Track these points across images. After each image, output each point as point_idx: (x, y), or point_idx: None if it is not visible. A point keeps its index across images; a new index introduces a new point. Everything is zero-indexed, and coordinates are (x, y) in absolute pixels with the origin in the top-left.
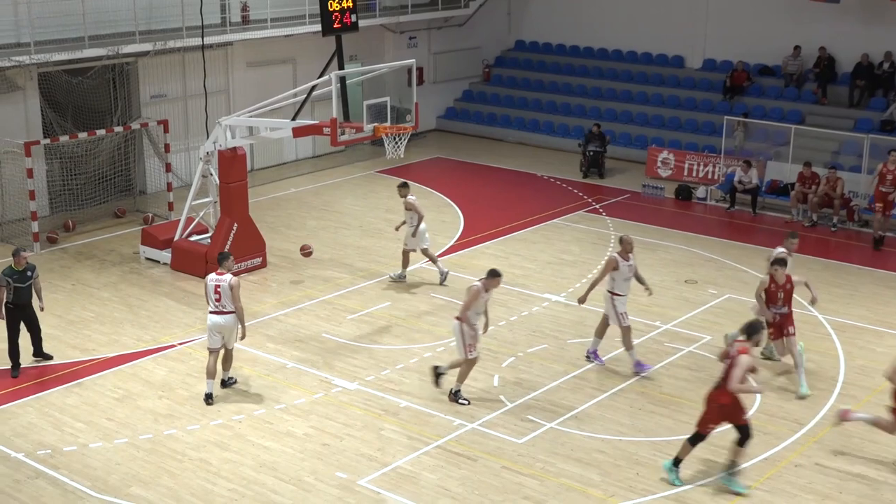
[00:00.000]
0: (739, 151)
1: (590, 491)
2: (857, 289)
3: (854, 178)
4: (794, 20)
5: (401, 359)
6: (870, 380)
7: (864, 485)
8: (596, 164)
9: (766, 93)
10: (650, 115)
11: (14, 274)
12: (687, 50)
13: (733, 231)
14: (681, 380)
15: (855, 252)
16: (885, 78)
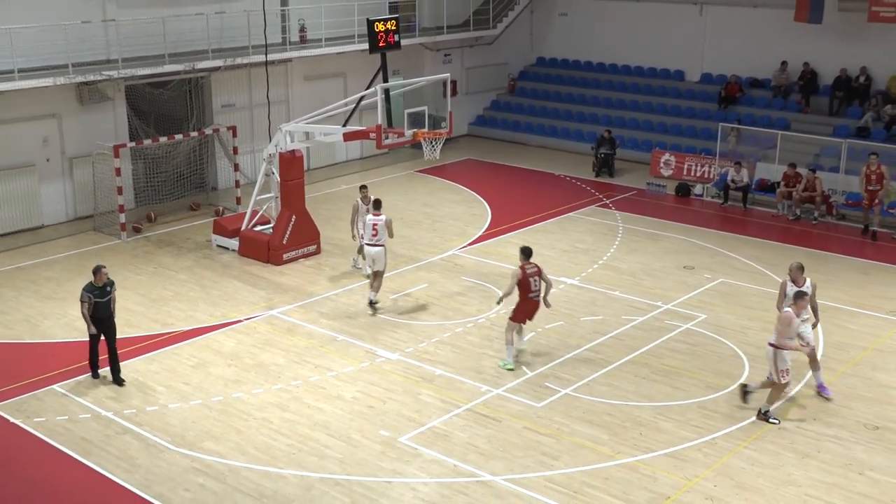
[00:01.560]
0: (732, 154)
1: (599, 448)
2: (835, 274)
3: (833, 178)
4: (781, 38)
5: (436, 333)
6: (845, 354)
7: (838, 444)
8: (607, 164)
9: (756, 103)
10: (654, 122)
11: (95, 290)
12: (687, 65)
13: (726, 223)
14: (678, 353)
15: (833, 242)
16: (861, 90)
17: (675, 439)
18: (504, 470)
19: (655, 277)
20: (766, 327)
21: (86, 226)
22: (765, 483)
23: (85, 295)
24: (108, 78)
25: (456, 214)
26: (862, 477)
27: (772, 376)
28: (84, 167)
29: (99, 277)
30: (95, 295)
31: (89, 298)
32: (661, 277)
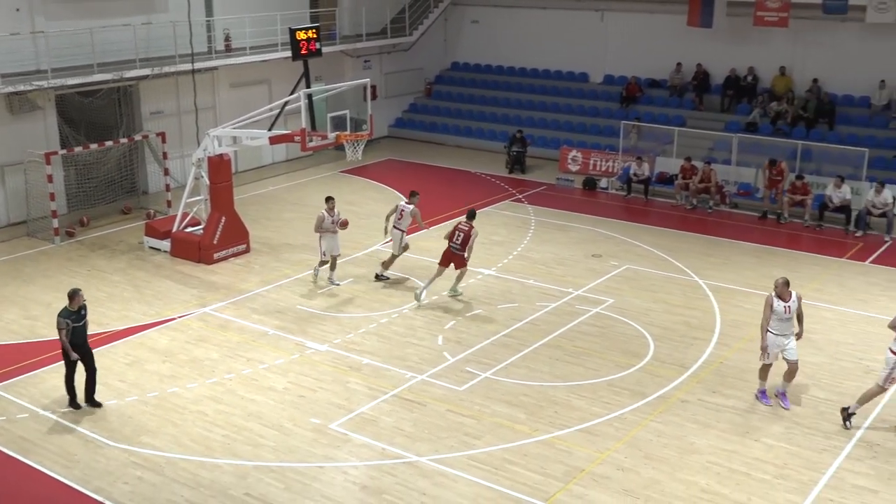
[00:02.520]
0: (634, 149)
1: (518, 427)
2: (729, 258)
3: (726, 170)
4: (676, 42)
5: (362, 325)
6: (741, 331)
7: (736, 414)
8: (519, 162)
9: (654, 101)
10: (562, 122)
11: (71, 315)
12: (590, 67)
13: (630, 214)
14: (589, 335)
15: (727, 229)
16: (749, 88)
17: (587, 416)
18: (429, 451)
19: (566, 266)
20: (669, 309)
21: (20, 231)
22: (670, 453)
23: (62, 321)
24: (37, 88)
25: (378, 212)
26: (758, 443)
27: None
28: (16, 175)
29: (75, 301)
30: (73, 320)
31: (67, 325)
32: (572, 265)
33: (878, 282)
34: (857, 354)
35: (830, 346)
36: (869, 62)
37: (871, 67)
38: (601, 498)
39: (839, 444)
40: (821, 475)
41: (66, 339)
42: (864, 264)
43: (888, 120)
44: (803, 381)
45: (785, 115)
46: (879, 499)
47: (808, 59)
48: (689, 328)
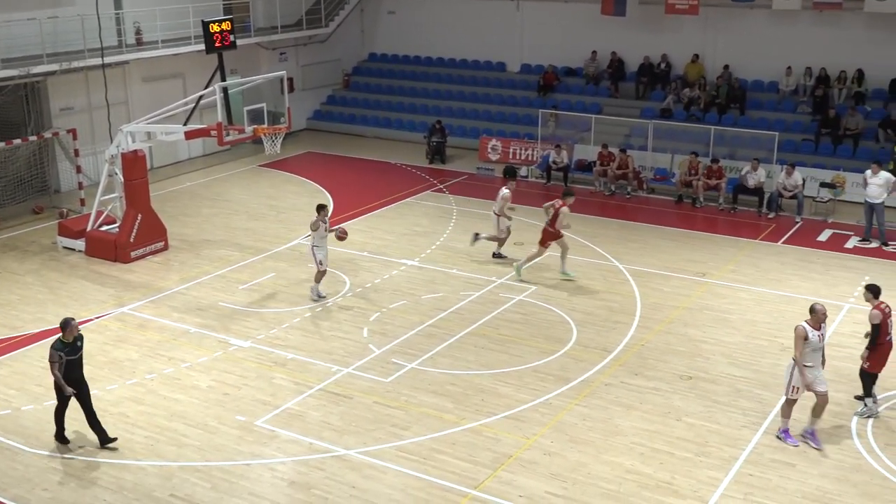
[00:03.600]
0: (552, 137)
1: (445, 416)
2: (647, 242)
3: (642, 156)
4: (590, 31)
5: (286, 319)
6: (660, 313)
7: (658, 395)
8: (439, 152)
9: (571, 90)
10: (480, 111)
11: (65, 347)
12: (507, 57)
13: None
14: (513, 323)
15: (645, 213)
16: (663, 75)
17: (513, 402)
18: (357, 443)
19: (489, 255)
20: (591, 294)
21: None
22: (595, 436)
23: (55, 354)
24: None
25: (299, 205)
26: (680, 423)
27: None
28: None
29: (69, 332)
30: (66, 352)
31: (60, 357)
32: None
33: (790, 262)
34: (773, 333)
35: (746, 325)
36: (777, 48)
37: (778, 53)
38: (529, 483)
39: (757, 421)
40: (741, 451)
41: (59, 374)
42: (776, 245)
43: (796, 104)
44: (721, 360)
45: (698, 101)
46: (797, 471)
47: (718, 45)
48: (610, 312)
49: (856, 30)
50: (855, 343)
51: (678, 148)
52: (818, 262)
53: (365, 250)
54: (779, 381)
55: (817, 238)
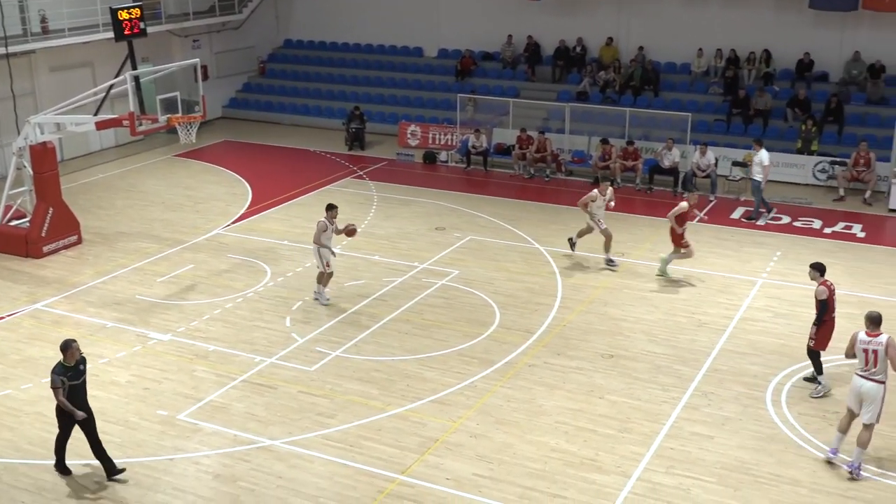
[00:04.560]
0: (471, 122)
1: (371, 403)
2: (567, 224)
3: (560, 138)
4: (506, 15)
5: (206, 311)
6: (581, 294)
7: (581, 374)
8: (358, 138)
9: (488, 74)
10: (399, 97)
11: (67, 371)
12: (425, 42)
13: (470, 185)
14: (436, 307)
15: (564, 195)
16: (578, 58)
17: (438, 387)
18: (283, 433)
19: (411, 240)
20: (512, 277)
21: None
22: (520, 416)
23: (57, 380)
24: None
25: (217, 195)
26: (602, 400)
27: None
28: None
29: (71, 354)
30: (70, 377)
31: (63, 383)
32: (416, 239)
33: (705, 239)
34: (690, 310)
35: (665, 303)
36: (688, 31)
37: (690, 36)
38: (456, 465)
39: (677, 396)
40: (661, 426)
41: (65, 399)
42: (692, 223)
43: (708, 85)
44: (641, 337)
45: (613, 84)
46: (714, 443)
47: (632, 28)
48: (532, 294)
49: (764, 12)
50: (768, 317)
51: (595, 130)
52: (732, 239)
53: (285, 239)
54: (697, 356)
55: (731, 216)
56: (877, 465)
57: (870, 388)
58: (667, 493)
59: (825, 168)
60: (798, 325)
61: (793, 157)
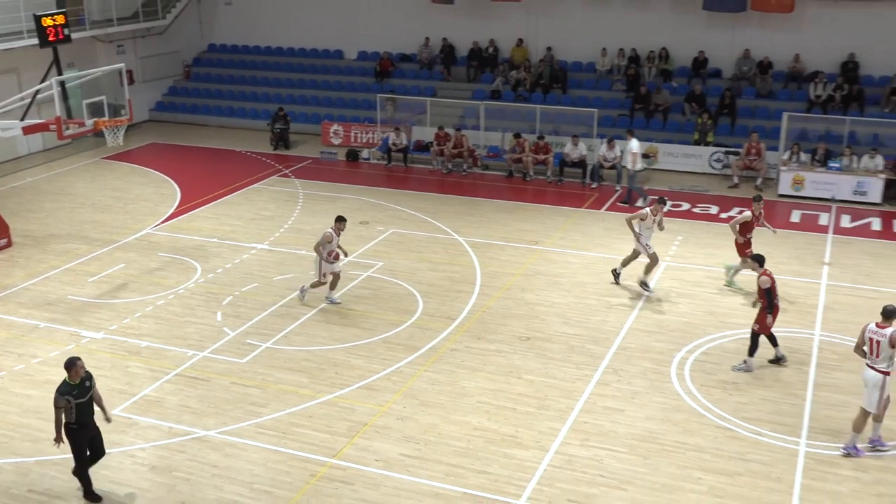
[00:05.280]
0: (391, 120)
1: (301, 391)
2: (484, 215)
3: (475, 135)
4: (422, 18)
5: (138, 308)
6: (499, 280)
7: (500, 356)
8: (282, 138)
9: (406, 75)
10: (321, 97)
11: (73, 390)
12: (344, 45)
13: (392, 181)
14: (362, 298)
15: (481, 189)
16: (491, 59)
17: (366, 373)
18: (217, 424)
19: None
20: (434, 267)
21: None
22: (444, 398)
23: (61, 399)
24: None
25: (146, 196)
26: (521, 380)
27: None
28: None
29: (75, 373)
30: (75, 395)
31: (68, 402)
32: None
33: (613, 227)
34: (600, 293)
35: (576, 287)
36: (592, 32)
37: (594, 36)
38: (384, 447)
39: (589, 374)
40: (576, 402)
41: (66, 419)
42: (600, 212)
43: (611, 83)
44: (555, 320)
45: (524, 82)
46: (625, 416)
47: (540, 30)
48: (452, 283)
49: (662, 13)
50: (672, 297)
51: (508, 127)
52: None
53: (214, 237)
54: (607, 335)
55: (635, 203)
56: (771, 430)
57: (871, 376)
58: (582, 464)
59: (720, 158)
60: (699, 304)
61: (690, 148)
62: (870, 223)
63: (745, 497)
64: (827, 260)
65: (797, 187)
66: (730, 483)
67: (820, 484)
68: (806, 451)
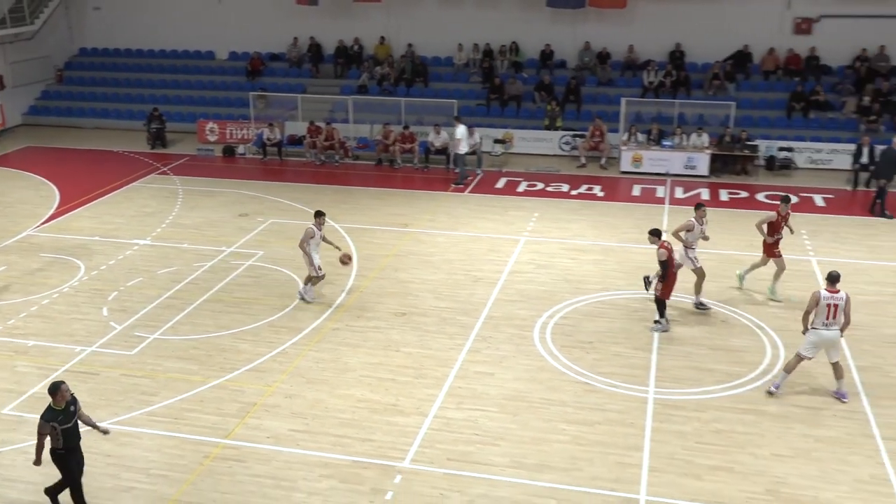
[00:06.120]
0: (264, 117)
1: (191, 378)
2: (358, 202)
3: (345, 127)
4: (289, 18)
5: (23, 309)
6: (373, 262)
7: (378, 332)
8: (159, 138)
9: (277, 73)
10: (195, 97)
11: (58, 416)
12: (215, 45)
13: (269, 174)
14: (246, 285)
15: (353, 178)
16: (356, 56)
17: (253, 356)
18: (109, 415)
19: (217, 227)
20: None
21: None
22: (329, 375)
23: (45, 426)
24: None
25: (25, 199)
26: (399, 353)
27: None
28: None
29: (60, 397)
30: (61, 421)
31: (53, 429)
32: (222, 226)
33: (475, 207)
34: (466, 268)
35: (445, 264)
36: (448, 29)
37: (450, 33)
38: (274, 424)
39: (461, 342)
40: (450, 369)
41: (54, 445)
42: (463, 195)
43: (468, 75)
44: (427, 296)
45: (388, 77)
46: (496, 379)
47: (401, 28)
48: (331, 267)
49: (510, 10)
50: (531, 269)
51: (376, 119)
52: (497, 205)
53: (96, 235)
54: (476, 307)
55: (495, 185)
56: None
57: (834, 335)
58: (459, 426)
59: (568, 140)
60: (556, 273)
61: (542, 132)
62: (699, 194)
63: (605, 443)
64: (664, 228)
65: (636, 164)
66: (590, 432)
67: (667, 426)
68: (654, 398)
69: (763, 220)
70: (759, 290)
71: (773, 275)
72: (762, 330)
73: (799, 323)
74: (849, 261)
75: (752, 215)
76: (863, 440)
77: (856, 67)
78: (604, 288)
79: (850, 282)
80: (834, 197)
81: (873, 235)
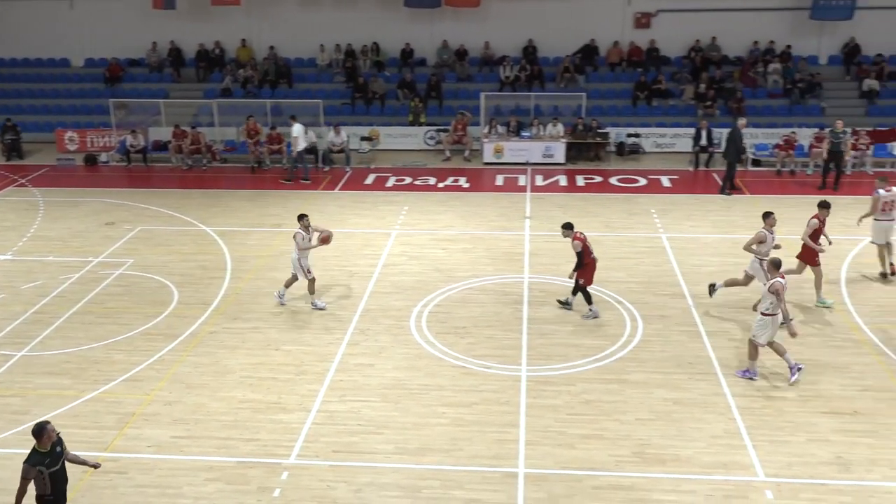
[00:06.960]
0: (127, 124)
1: (64, 392)
2: (228, 205)
3: (211, 131)
4: (147, 23)
5: None
6: (248, 263)
7: (257, 333)
8: (15, 149)
9: (137, 79)
10: (52, 106)
11: (45, 459)
12: (70, 52)
13: (134, 181)
14: (116, 295)
15: (222, 181)
16: (218, 59)
17: (128, 366)
18: None
19: (83, 238)
20: (185, 258)
21: None
22: (208, 378)
23: (32, 471)
24: None
25: None
26: (278, 351)
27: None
28: None
29: (47, 438)
30: (48, 465)
31: (40, 473)
32: (88, 236)
33: (347, 204)
34: (342, 264)
35: (320, 261)
36: (309, 30)
37: (311, 34)
38: (155, 433)
39: (340, 336)
40: (330, 364)
41: (26, 492)
42: (334, 192)
43: (332, 75)
44: (301, 291)
45: (252, 80)
46: (376, 369)
47: (263, 30)
48: (205, 271)
49: (369, 10)
50: (404, 261)
51: (241, 122)
52: (367, 201)
53: None
54: (353, 301)
55: (365, 182)
56: (497, 362)
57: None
58: (342, 418)
59: (433, 135)
60: (428, 263)
61: (407, 128)
62: (557, 180)
63: (483, 422)
64: (528, 214)
65: (498, 155)
66: (469, 413)
67: (540, 401)
68: (527, 376)
69: (808, 230)
70: (621, 268)
71: (814, 284)
72: (621, 304)
73: (651, 295)
74: (696, 235)
75: (608, 199)
76: (715, 399)
77: (691, 57)
78: (474, 275)
79: (697, 254)
80: (678, 178)
81: (714, 211)
